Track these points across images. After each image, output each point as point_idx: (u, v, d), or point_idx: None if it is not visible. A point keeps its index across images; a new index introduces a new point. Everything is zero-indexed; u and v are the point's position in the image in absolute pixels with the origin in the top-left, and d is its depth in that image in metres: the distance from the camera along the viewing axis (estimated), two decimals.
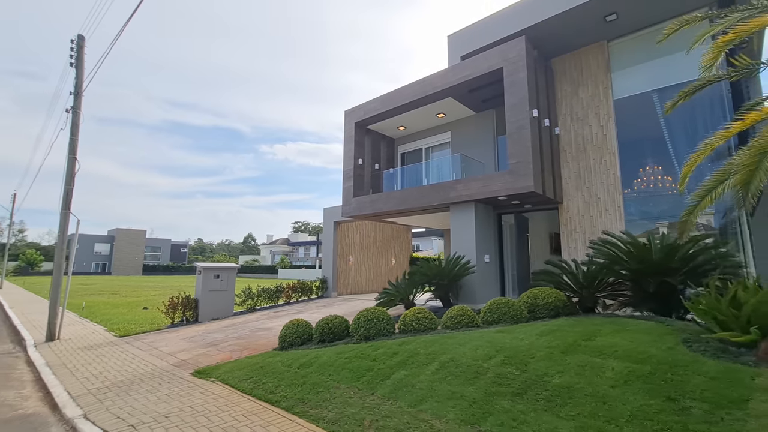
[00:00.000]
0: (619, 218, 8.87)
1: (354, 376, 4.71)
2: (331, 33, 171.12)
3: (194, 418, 4.05)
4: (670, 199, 8.62)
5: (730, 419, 2.84)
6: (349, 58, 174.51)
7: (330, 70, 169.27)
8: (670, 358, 3.78)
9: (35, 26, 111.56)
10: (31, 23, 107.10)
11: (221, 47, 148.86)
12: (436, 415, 3.64)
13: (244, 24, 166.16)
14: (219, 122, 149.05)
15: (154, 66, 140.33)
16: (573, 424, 3.14)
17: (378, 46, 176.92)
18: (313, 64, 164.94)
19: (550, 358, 4.17)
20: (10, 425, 4.19)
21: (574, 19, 8.87)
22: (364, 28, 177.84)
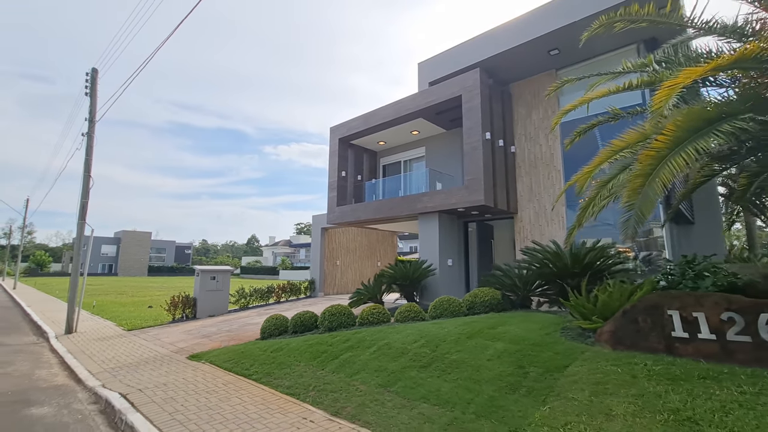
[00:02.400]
0: (562, 227, 10.11)
1: (312, 357, 6.01)
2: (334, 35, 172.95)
3: (185, 385, 5.37)
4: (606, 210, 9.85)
5: (551, 378, 4.11)
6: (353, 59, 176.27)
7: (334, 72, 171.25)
8: (539, 340, 5.05)
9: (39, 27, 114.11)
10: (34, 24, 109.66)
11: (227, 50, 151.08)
12: (363, 382, 4.93)
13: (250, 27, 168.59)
14: (224, 124, 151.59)
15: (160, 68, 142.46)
16: (452, 385, 4.42)
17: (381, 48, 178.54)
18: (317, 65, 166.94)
19: (456, 341, 5.45)
20: (48, 391, 5.53)
21: (523, 52, 10.13)
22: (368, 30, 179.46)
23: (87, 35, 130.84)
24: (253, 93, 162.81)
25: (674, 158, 3.52)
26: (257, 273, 55.58)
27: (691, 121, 3.59)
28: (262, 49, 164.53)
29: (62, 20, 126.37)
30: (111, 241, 64.22)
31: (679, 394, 3.35)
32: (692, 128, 3.60)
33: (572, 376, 4.07)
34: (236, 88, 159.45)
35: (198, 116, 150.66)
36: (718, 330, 3.98)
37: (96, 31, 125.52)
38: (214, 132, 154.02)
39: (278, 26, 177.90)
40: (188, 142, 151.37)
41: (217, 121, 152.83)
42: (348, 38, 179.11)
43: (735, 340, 3.86)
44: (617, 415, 3.29)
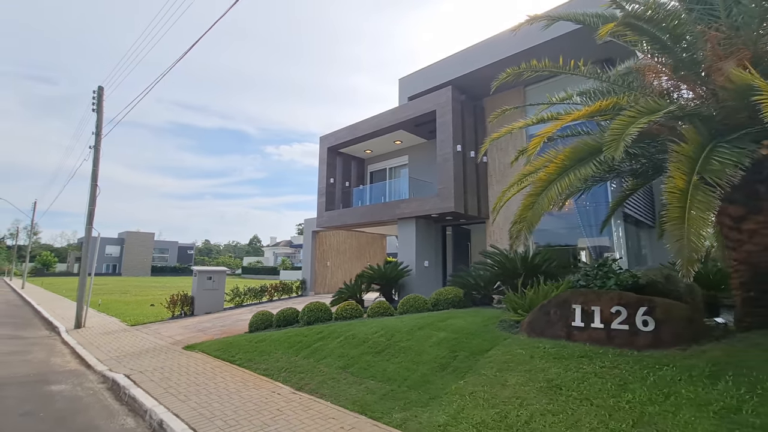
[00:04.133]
0: None
1: (288, 346, 6.98)
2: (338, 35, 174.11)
3: (179, 368, 6.34)
4: (565, 216, 10.78)
5: (473, 359, 5.05)
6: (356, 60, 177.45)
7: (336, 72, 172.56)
8: (475, 330, 5.99)
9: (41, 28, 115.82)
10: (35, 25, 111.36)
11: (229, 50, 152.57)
12: (327, 365, 5.88)
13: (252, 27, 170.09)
14: (226, 124, 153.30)
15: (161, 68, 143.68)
16: (396, 366, 5.36)
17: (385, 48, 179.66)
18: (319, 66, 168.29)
19: (409, 332, 6.39)
20: (63, 374, 6.52)
21: (492, 71, 10.99)
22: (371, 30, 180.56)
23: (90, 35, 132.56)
24: (256, 93, 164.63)
25: (560, 182, 4.45)
26: (258, 273, 56.58)
27: (575, 153, 4.53)
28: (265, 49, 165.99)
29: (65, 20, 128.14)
30: (115, 242, 65.46)
31: (557, 368, 4.30)
32: (576, 158, 4.54)
33: (489, 357, 5.01)
34: (239, 88, 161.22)
35: (200, 116, 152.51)
36: (606, 320, 4.91)
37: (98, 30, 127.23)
38: (217, 132, 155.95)
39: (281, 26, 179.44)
40: (190, 143, 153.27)
41: (219, 122, 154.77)
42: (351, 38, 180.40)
43: (617, 328, 4.79)
44: (509, 384, 4.24)
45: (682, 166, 3.15)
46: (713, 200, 2.96)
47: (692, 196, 3.00)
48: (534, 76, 5.69)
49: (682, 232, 2.98)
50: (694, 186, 3.02)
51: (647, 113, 3.44)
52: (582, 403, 3.67)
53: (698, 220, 2.94)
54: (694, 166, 3.14)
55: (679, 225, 3.02)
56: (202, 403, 4.74)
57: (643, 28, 3.96)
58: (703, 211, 2.93)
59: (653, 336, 4.55)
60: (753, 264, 4.41)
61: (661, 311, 4.69)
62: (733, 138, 3.54)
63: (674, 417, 3.23)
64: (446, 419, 3.87)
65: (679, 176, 3.10)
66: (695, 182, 3.02)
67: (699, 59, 4.12)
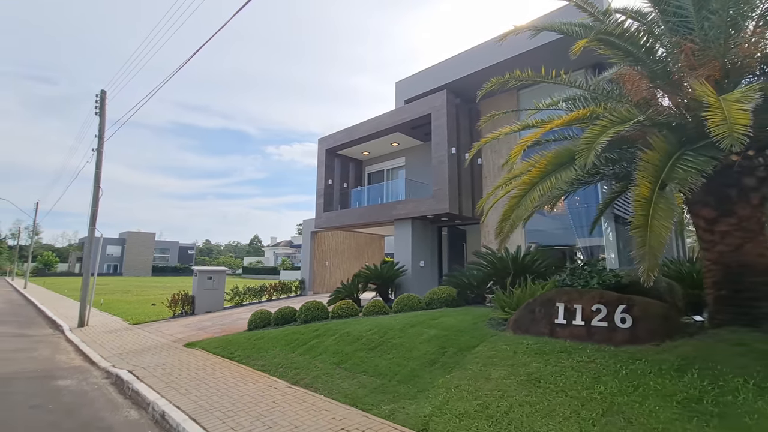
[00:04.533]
0: (520, 233, 11.27)
1: (285, 343, 7.22)
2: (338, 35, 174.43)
3: (180, 365, 6.59)
4: (559, 217, 11.02)
5: (461, 355, 5.28)
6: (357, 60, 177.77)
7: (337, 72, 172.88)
8: (465, 327, 6.23)
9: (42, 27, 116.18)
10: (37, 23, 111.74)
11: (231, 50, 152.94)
12: (322, 361, 6.12)
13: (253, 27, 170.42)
14: (227, 124, 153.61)
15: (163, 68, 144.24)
16: (388, 362, 5.60)
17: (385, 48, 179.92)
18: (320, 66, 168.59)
19: (401, 329, 6.63)
20: (69, 370, 6.77)
21: (485, 75, 11.26)
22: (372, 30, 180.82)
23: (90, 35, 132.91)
24: (257, 93, 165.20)
25: (542, 185, 4.69)
26: (258, 273, 56.85)
27: (557, 158, 4.77)
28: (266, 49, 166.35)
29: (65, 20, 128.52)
30: (116, 242, 65.79)
31: (538, 363, 4.54)
32: (558, 163, 4.77)
33: (476, 353, 5.25)
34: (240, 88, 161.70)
35: (201, 116, 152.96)
36: (587, 318, 5.15)
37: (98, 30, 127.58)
38: (218, 132, 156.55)
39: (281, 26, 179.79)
40: (192, 143, 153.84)
41: (220, 122, 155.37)
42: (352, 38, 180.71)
43: (596, 325, 5.03)
44: (492, 378, 4.48)
45: (647, 175, 3.39)
46: (675, 209, 3.19)
47: (656, 204, 3.23)
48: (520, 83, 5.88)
49: (645, 240, 3.21)
50: (658, 194, 3.24)
51: (618, 122, 3.67)
52: (558, 394, 3.91)
53: (660, 228, 3.17)
54: (659, 174, 3.37)
55: (643, 233, 3.25)
56: (201, 397, 4.98)
57: (615, 43, 4.21)
58: (665, 219, 3.16)
59: (630, 332, 4.79)
60: (724, 264, 4.65)
61: (638, 309, 4.93)
62: (701, 146, 3.77)
63: (641, 406, 3.47)
64: (431, 410, 4.11)
65: (644, 184, 3.33)
66: (659, 191, 3.25)
67: (672, 70, 4.35)
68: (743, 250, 4.51)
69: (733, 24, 3.95)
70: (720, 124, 2.63)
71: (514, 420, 3.67)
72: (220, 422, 4.17)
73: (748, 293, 4.42)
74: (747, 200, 4.49)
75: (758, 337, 4.14)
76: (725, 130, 2.58)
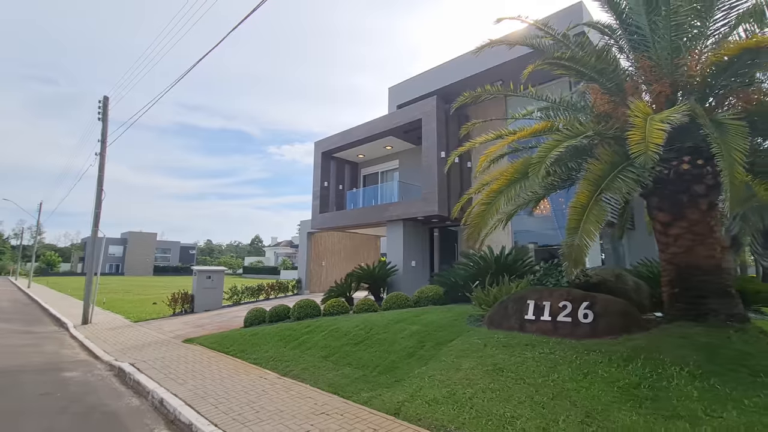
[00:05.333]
0: (507, 234, 11.67)
1: (278, 339, 7.64)
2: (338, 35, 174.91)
3: (178, 358, 7.02)
4: (544, 218, 11.42)
5: (437, 348, 5.69)
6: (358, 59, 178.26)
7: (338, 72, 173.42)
8: (444, 323, 6.64)
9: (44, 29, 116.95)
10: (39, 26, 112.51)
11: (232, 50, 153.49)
12: (311, 355, 6.54)
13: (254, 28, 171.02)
14: (228, 124, 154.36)
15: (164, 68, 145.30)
16: (371, 355, 6.02)
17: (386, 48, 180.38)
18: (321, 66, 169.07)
19: (385, 326, 7.04)
20: (74, 363, 7.21)
21: (473, 82, 11.68)
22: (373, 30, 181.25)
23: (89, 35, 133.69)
24: (258, 93, 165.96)
25: (508, 192, 5.10)
26: (259, 273, 57.30)
27: (525, 167, 5.18)
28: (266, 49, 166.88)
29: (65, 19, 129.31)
30: (118, 242, 66.38)
31: (503, 355, 4.95)
32: (525, 171, 5.19)
33: (451, 347, 5.66)
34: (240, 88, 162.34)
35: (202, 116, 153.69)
36: (554, 313, 5.56)
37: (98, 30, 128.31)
38: (219, 132, 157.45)
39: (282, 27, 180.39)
40: (193, 143, 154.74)
41: (221, 122, 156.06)
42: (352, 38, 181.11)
43: (561, 320, 5.44)
44: (462, 368, 4.89)
45: (589, 185, 3.79)
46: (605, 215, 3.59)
47: (590, 210, 3.63)
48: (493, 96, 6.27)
49: (574, 241, 3.62)
50: (594, 202, 3.65)
51: (570, 137, 4.07)
52: (517, 382, 4.32)
53: (590, 232, 3.58)
54: (600, 184, 3.77)
55: (573, 234, 3.66)
56: (197, 386, 5.41)
57: (566, 65, 4.61)
58: (595, 224, 3.57)
59: (591, 327, 5.20)
60: (677, 264, 5.05)
61: (600, 306, 5.34)
62: None
63: (586, 391, 3.88)
64: (405, 397, 4.53)
65: (584, 193, 3.73)
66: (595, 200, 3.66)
67: (623, 87, 4.75)
68: (693, 252, 4.91)
69: (676, 47, 4.34)
70: (638, 143, 3.03)
71: (476, 404, 4.08)
72: (212, 407, 4.59)
73: (696, 291, 4.82)
74: (697, 206, 4.89)
75: (700, 330, 4.54)
76: (642, 148, 2.98)
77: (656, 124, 3.07)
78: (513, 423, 3.65)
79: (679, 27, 4.23)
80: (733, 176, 3.04)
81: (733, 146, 3.13)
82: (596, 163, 3.92)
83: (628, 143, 3.14)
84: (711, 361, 3.98)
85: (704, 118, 3.33)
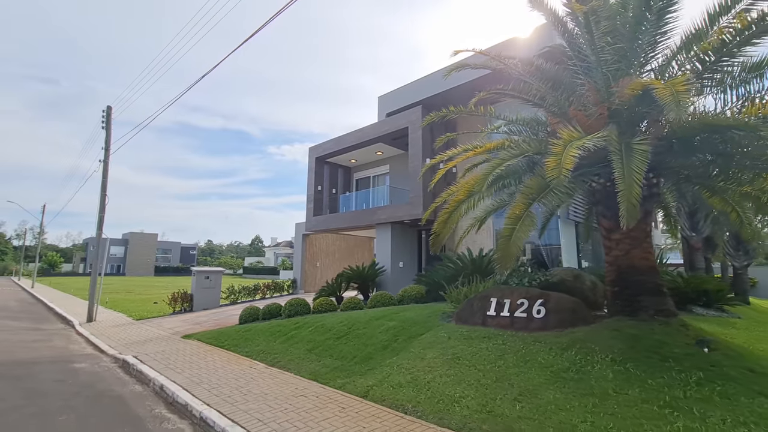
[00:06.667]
0: (489, 236, 12.33)
1: (269, 334, 8.31)
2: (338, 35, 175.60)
3: (177, 351, 7.69)
4: None
5: (409, 341, 6.34)
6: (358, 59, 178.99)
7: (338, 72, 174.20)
8: (419, 320, 7.29)
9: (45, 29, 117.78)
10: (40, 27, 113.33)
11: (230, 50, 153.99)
12: (297, 348, 7.21)
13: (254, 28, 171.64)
14: (228, 124, 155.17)
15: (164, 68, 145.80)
16: (350, 347, 6.67)
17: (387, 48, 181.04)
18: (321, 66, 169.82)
19: (366, 322, 7.70)
20: (82, 356, 7.88)
21: (456, 93, 12.34)
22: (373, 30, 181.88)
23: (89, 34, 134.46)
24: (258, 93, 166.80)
25: (468, 202, 5.76)
26: (259, 273, 57.92)
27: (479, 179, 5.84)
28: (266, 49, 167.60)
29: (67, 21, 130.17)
30: (119, 243, 67.05)
31: (463, 346, 5.61)
32: (480, 182, 5.84)
33: (421, 340, 6.32)
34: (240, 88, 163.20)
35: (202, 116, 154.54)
36: (513, 310, 6.21)
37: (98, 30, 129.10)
38: (219, 132, 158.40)
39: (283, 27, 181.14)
40: (193, 143, 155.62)
41: (221, 122, 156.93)
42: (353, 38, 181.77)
43: (518, 316, 6.09)
44: (426, 358, 5.55)
45: (525, 198, 4.44)
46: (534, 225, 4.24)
47: (523, 221, 4.28)
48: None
49: (507, 246, 4.27)
50: (527, 215, 4.30)
51: (512, 156, 4.73)
52: (470, 368, 4.98)
53: (519, 239, 4.23)
54: (535, 198, 4.42)
55: (506, 241, 4.31)
56: (193, 374, 6.07)
57: (510, 94, 5.26)
58: (524, 232, 4.22)
59: (542, 322, 5.85)
60: (618, 265, 5.70)
61: (552, 303, 5.99)
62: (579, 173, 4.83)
63: (525, 375, 4.54)
64: (374, 382, 5.19)
65: (519, 206, 4.38)
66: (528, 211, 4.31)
67: (566, 110, 5.40)
68: (630, 255, 5.56)
69: (606, 77, 4.99)
70: (554, 168, 3.66)
71: (433, 387, 4.74)
72: (206, 391, 5.25)
73: (632, 289, 5.47)
74: None
75: (631, 324, 5.20)
76: (555, 173, 3.61)
77: (571, 151, 3.71)
78: (459, 402, 4.31)
79: (606, 62, 4.88)
80: (630, 194, 3.68)
81: (633, 169, 3.76)
82: (534, 179, 4.56)
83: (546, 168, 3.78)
84: (632, 349, 4.64)
85: (614, 143, 3.98)
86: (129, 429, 4.37)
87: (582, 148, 3.82)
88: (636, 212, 3.77)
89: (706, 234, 12.02)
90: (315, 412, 4.42)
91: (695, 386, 3.90)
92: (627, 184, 3.69)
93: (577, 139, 3.91)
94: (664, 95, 3.30)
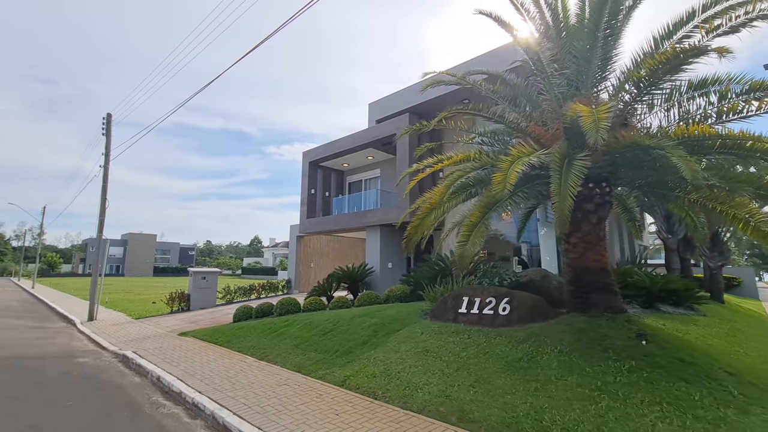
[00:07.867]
0: None
1: (260, 331, 8.85)
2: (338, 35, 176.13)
3: (174, 347, 8.24)
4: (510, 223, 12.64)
5: (387, 337, 6.89)
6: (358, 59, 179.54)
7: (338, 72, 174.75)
8: (398, 317, 7.84)
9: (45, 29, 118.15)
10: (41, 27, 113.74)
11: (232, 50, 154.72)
12: (285, 344, 7.75)
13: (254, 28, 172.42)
14: (228, 125, 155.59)
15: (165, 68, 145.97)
16: (333, 343, 7.22)
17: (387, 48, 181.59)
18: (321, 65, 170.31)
19: (350, 319, 8.25)
20: (84, 352, 8.42)
21: (442, 101, 12.90)
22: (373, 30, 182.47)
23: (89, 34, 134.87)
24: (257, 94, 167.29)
25: (440, 207, 6.31)
26: (257, 273, 58.36)
27: (451, 186, 6.39)
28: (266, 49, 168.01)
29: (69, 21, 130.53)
30: (118, 243, 67.49)
31: (433, 340, 6.16)
32: (451, 193, 6.40)
33: (397, 335, 6.87)
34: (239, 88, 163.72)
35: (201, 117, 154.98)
36: (481, 307, 6.77)
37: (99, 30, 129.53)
38: (218, 133, 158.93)
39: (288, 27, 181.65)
40: (192, 143, 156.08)
41: (221, 122, 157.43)
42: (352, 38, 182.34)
43: (486, 313, 6.65)
44: (400, 351, 6.10)
45: (482, 207, 4.98)
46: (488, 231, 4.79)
47: (479, 228, 4.83)
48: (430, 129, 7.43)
49: (463, 248, 4.82)
50: (482, 222, 4.85)
51: (477, 167, 5.28)
52: (436, 359, 5.53)
53: (476, 243, 4.78)
54: (492, 206, 4.97)
55: (464, 244, 4.86)
56: (188, 367, 6.62)
57: (471, 113, 5.82)
58: (480, 238, 4.77)
59: (506, 318, 6.40)
60: (574, 266, 6.26)
61: (516, 301, 6.54)
62: (535, 183, 5.39)
63: (482, 364, 5.09)
64: (351, 373, 5.74)
65: (476, 214, 4.93)
66: (484, 219, 4.86)
67: (524, 127, 5.96)
68: (585, 256, 6.12)
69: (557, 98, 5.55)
70: (500, 182, 4.20)
71: (402, 376, 5.29)
72: (199, 381, 5.80)
73: (586, 288, 6.03)
74: (588, 220, 6.10)
75: (583, 320, 5.75)
76: (500, 188, 4.15)
77: (517, 167, 4.25)
78: (423, 388, 4.87)
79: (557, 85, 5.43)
80: (563, 206, 4.22)
81: (569, 184, 4.30)
82: (489, 191, 5.12)
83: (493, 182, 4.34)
84: (578, 341, 5.20)
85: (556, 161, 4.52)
86: (129, 413, 4.91)
87: (527, 164, 4.36)
88: (567, 222, 4.31)
89: (681, 236, 12.57)
90: (295, 398, 4.97)
91: (626, 373, 4.45)
92: (561, 197, 4.24)
93: (525, 155, 4.46)
94: (586, 123, 3.85)
